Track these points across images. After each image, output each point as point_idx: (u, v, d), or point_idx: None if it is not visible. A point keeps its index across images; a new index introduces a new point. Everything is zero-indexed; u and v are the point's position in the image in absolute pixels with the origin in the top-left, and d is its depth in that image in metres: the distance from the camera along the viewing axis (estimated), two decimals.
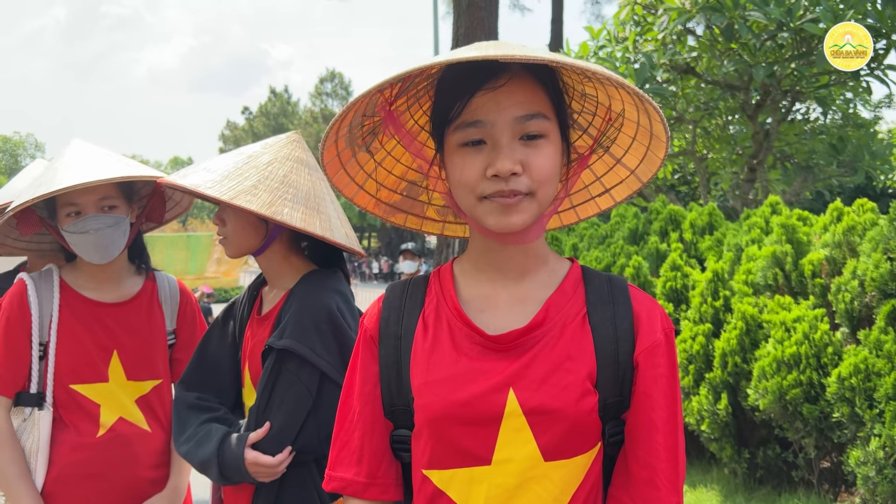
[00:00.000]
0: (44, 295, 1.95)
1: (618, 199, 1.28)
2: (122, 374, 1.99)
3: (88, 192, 1.90)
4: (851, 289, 4.22)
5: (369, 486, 1.17)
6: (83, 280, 2.03)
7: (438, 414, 1.10)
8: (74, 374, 1.94)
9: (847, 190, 14.57)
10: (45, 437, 1.89)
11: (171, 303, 2.16)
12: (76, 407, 1.93)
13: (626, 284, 1.18)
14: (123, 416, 1.98)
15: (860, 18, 7.01)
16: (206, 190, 1.65)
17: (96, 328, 1.98)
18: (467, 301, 1.17)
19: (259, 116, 52.53)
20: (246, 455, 1.64)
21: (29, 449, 1.90)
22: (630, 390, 1.12)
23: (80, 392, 1.94)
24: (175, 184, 1.71)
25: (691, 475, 5.17)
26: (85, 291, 2.01)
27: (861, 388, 3.82)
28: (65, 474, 1.90)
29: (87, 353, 1.95)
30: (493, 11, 8.80)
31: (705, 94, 9.68)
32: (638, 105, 1.11)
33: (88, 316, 1.99)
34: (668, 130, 1.10)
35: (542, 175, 1.07)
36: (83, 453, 1.91)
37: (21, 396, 1.92)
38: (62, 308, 1.96)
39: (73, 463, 1.91)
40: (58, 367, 1.92)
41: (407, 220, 1.36)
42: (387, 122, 1.18)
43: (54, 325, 1.93)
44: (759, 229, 5.57)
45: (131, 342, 2.02)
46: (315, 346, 1.66)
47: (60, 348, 1.93)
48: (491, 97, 1.06)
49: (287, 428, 1.67)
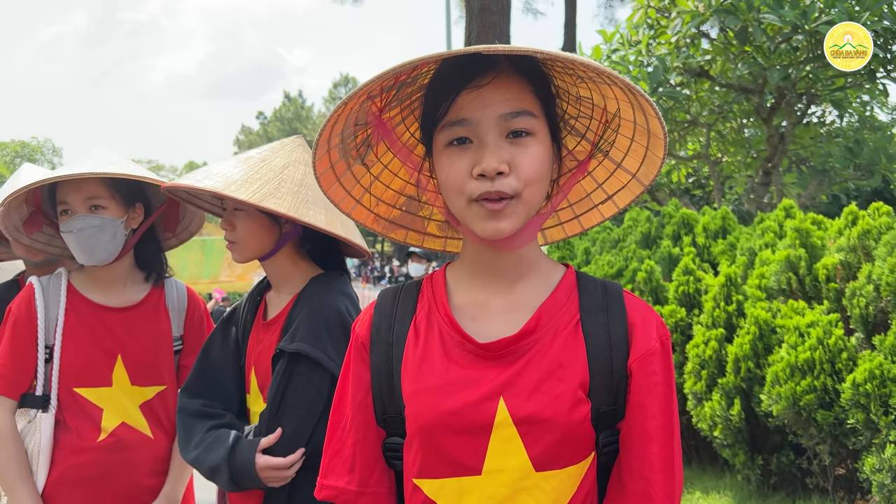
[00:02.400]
0: (51, 298, 1.97)
1: (621, 204, 1.25)
2: (127, 379, 1.99)
3: (76, 191, 1.90)
4: (866, 293, 4.17)
5: (361, 494, 1.16)
6: (89, 283, 2.03)
7: (429, 422, 1.08)
8: (78, 378, 1.94)
9: (864, 193, 14.40)
10: (47, 440, 1.90)
11: (178, 308, 2.15)
12: (79, 410, 1.94)
13: (621, 291, 1.16)
14: (126, 422, 1.97)
15: (876, 20, 6.94)
16: (234, 193, 1.64)
17: (100, 332, 1.98)
18: (459, 308, 1.15)
19: (273, 121, 52.86)
20: (257, 460, 1.62)
21: (31, 451, 1.90)
22: (624, 399, 1.10)
23: (83, 395, 1.94)
24: (191, 186, 1.70)
25: (703, 481, 5.12)
26: (91, 295, 2.02)
27: (876, 394, 3.77)
28: (64, 478, 1.90)
29: (91, 357, 1.96)
30: (506, 15, 8.81)
31: (719, 98, 9.61)
32: (632, 101, 1.09)
33: (93, 319, 1.99)
34: (664, 126, 1.08)
35: (529, 174, 1.05)
36: (83, 457, 1.91)
37: (26, 398, 1.93)
38: (68, 311, 1.97)
39: (72, 467, 1.91)
40: (62, 369, 1.93)
41: (408, 237, 1.34)
42: (376, 130, 1.17)
43: (59, 328, 1.94)
44: (772, 233, 5.51)
45: (136, 347, 2.02)
46: (327, 350, 1.66)
47: (65, 351, 1.93)
48: (476, 95, 1.05)
49: (299, 432, 1.66)
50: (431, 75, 1.14)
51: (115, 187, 1.94)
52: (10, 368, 1.92)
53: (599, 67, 1.00)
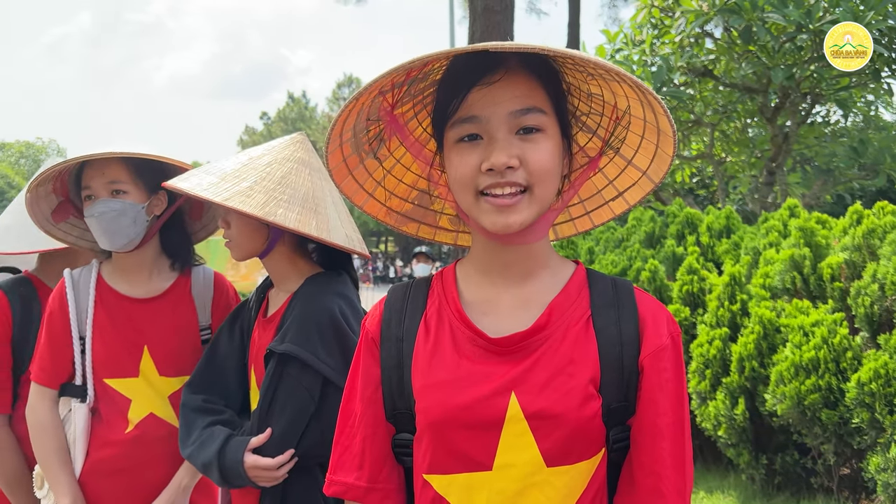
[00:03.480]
0: (82, 289, 2.00)
1: (631, 201, 1.26)
2: (154, 370, 2.00)
3: (98, 175, 1.92)
4: (871, 292, 4.16)
5: (370, 490, 1.16)
6: (116, 274, 2.05)
7: (439, 418, 1.08)
8: (106, 368, 1.97)
9: (868, 193, 14.37)
10: (82, 429, 1.94)
11: (204, 297, 2.14)
12: (109, 401, 1.97)
13: (631, 287, 1.16)
14: (154, 413, 1.99)
15: (880, 19, 6.92)
16: (201, 192, 1.65)
17: (125, 323, 2.01)
18: (470, 304, 1.15)
19: (277, 122, 52.91)
20: (245, 459, 1.63)
21: (69, 439, 1.95)
22: (635, 395, 1.10)
23: (112, 386, 1.97)
24: (174, 186, 1.72)
25: (708, 481, 5.11)
26: (118, 286, 2.04)
27: (881, 393, 3.76)
28: (95, 469, 1.94)
29: (118, 348, 1.98)
30: (509, 15, 8.79)
31: (723, 97, 9.60)
32: (641, 99, 1.09)
33: (118, 310, 2.01)
34: (673, 124, 1.08)
35: (540, 169, 1.05)
36: (112, 450, 1.95)
37: (67, 388, 1.97)
38: (96, 303, 2.00)
39: (103, 459, 1.95)
40: (94, 360, 1.96)
41: (419, 230, 1.35)
42: (388, 125, 1.18)
43: (89, 320, 1.97)
44: (776, 232, 5.50)
45: (161, 338, 2.03)
46: (317, 351, 1.65)
47: (94, 342, 1.97)
48: (487, 92, 1.05)
49: (289, 433, 1.66)
50: (443, 72, 1.14)
51: (136, 172, 1.95)
52: (48, 360, 1.96)
53: (607, 65, 1.01)
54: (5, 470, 2.18)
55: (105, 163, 1.92)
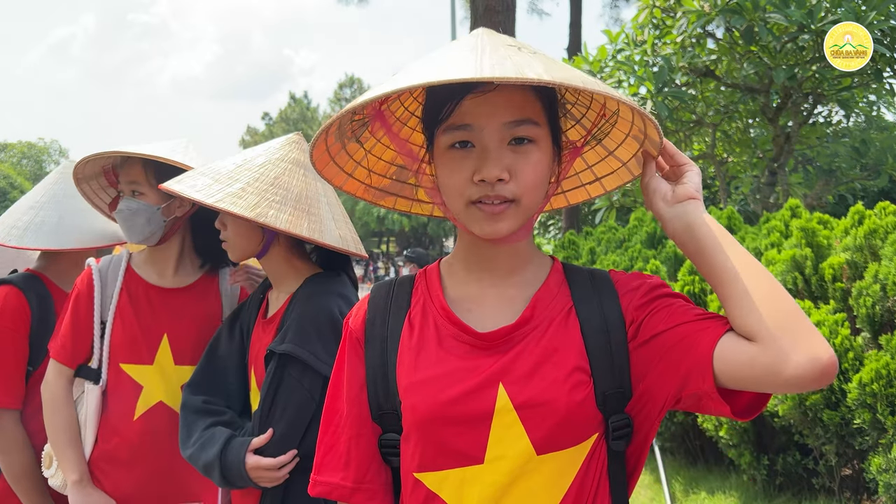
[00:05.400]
0: (110, 276, 2.08)
1: (608, 188, 1.28)
2: (171, 359, 2.05)
3: (124, 174, 2.04)
4: (873, 293, 4.15)
5: (356, 490, 1.16)
6: (146, 264, 2.13)
7: (427, 415, 1.08)
8: (122, 353, 2.02)
9: (870, 194, 14.33)
10: (93, 411, 1.99)
11: (230, 293, 2.21)
12: (121, 385, 2.01)
13: (608, 274, 1.18)
14: (164, 401, 2.02)
15: (882, 20, 6.91)
16: (193, 194, 1.66)
17: (148, 310, 2.06)
18: (454, 300, 1.16)
19: (279, 122, 52.90)
20: (247, 460, 1.64)
21: (81, 420, 2.00)
22: (629, 382, 1.10)
23: (126, 372, 2.02)
24: (168, 188, 1.74)
25: (709, 481, 5.11)
26: (146, 275, 2.11)
27: (883, 393, 3.75)
28: (103, 456, 1.99)
29: (136, 334, 2.03)
30: (511, 16, 8.80)
31: (725, 98, 9.58)
32: (635, 112, 1.10)
33: (142, 297, 2.07)
34: (662, 136, 1.09)
35: (529, 182, 1.07)
36: (119, 437, 1.99)
37: (82, 369, 2.03)
38: (122, 289, 2.07)
39: (111, 447, 1.99)
40: (111, 345, 2.01)
41: (396, 203, 1.35)
42: (376, 121, 1.18)
43: (113, 305, 2.04)
44: (778, 233, 5.50)
45: (182, 328, 2.07)
46: (317, 351, 1.66)
47: (115, 327, 2.02)
48: (481, 101, 1.05)
49: (290, 434, 1.67)
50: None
51: (153, 175, 2.02)
52: (69, 339, 2.02)
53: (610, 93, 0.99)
54: (15, 466, 2.19)
55: (129, 164, 2.02)
